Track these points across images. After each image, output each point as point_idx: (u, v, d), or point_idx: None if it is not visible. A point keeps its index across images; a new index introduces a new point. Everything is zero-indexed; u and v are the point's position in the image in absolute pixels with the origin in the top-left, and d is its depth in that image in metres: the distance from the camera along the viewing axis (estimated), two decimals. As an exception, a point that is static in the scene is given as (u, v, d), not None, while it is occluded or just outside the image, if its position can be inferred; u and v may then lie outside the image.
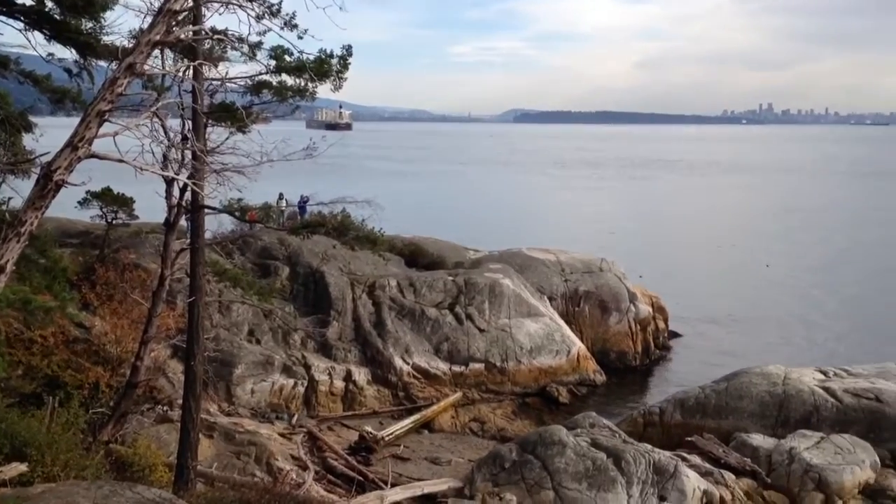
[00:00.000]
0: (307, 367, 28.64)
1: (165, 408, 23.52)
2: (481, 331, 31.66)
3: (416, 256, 37.49)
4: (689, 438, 24.12)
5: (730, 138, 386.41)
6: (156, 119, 15.32)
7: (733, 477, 21.47)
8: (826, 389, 25.87)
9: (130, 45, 10.71)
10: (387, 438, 25.18)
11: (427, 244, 39.61)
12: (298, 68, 14.75)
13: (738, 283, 52.86)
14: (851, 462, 21.82)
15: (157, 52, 13.26)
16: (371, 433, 25.02)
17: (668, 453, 21.58)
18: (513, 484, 20.09)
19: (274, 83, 15.36)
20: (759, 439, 23.61)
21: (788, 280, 54.12)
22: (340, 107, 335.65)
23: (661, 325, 39.63)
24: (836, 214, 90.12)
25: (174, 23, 9.92)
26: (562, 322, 34.57)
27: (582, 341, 34.57)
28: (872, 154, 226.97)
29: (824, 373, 27.97)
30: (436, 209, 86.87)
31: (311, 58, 14.53)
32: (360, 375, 29.32)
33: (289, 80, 15.30)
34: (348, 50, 14.96)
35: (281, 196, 34.14)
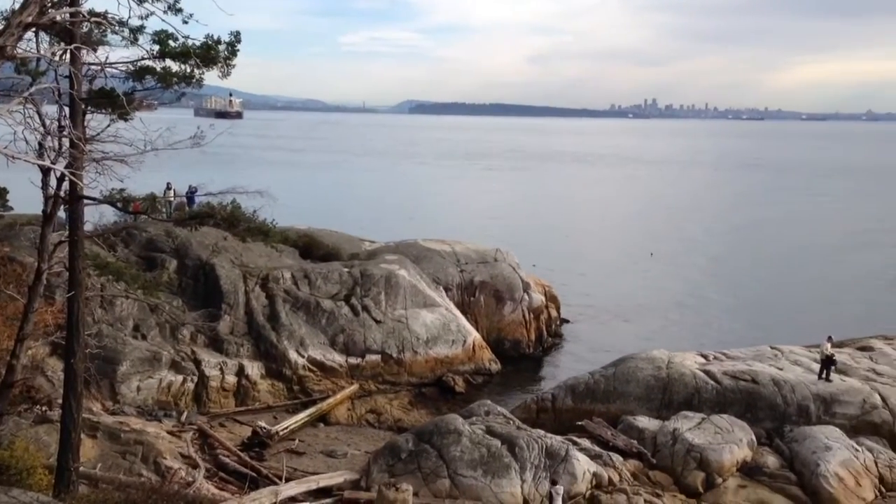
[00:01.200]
0: (197, 363, 27.84)
1: (44, 408, 22.39)
2: (378, 322, 31.57)
3: (310, 248, 36.97)
4: (580, 423, 24.89)
5: (617, 131, 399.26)
6: (30, 105, 14.49)
7: (621, 458, 22.27)
8: (706, 372, 27.15)
9: (0, 27, 10.07)
10: (281, 433, 24.80)
11: (322, 235, 39.14)
12: (184, 54, 14.21)
13: (625, 271, 54.79)
14: (730, 441, 22.99)
15: (30, 34, 12.52)
16: (265, 428, 24.58)
17: (559, 438, 22.18)
18: (409, 474, 20.19)
19: (158, 69, 14.74)
20: (644, 421, 24.58)
21: (669, 267, 56.49)
22: (231, 95, 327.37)
23: (554, 313, 40.61)
24: (712, 204, 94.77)
25: (49, 4, 9.39)
26: (458, 312, 34.89)
27: (477, 331, 35.01)
28: (747, 148, 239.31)
29: (705, 356, 29.36)
30: (331, 200, 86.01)
31: (197, 43, 14.05)
32: (254, 370, 28.73)
33: (174, 66, 14.72)
34: (236, 36, 14.53)
35: (168, 186, 33.00)
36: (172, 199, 32.40)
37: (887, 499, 21.36)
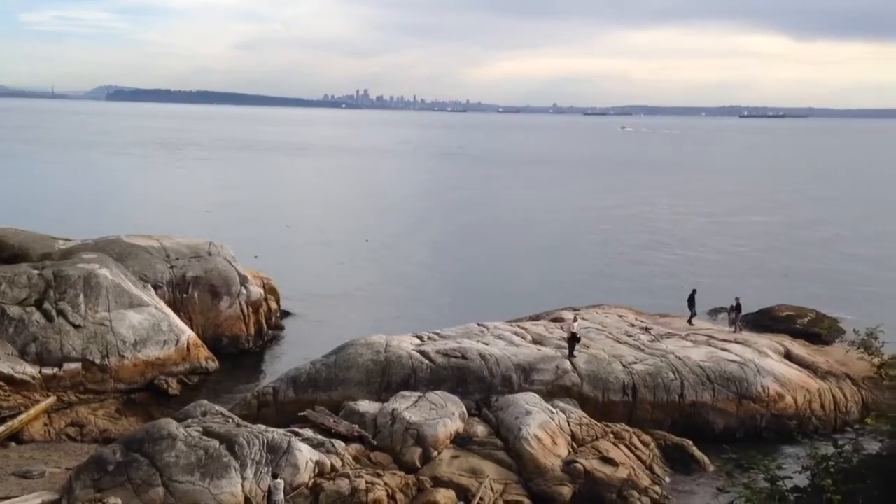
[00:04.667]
0: None
1: None
2: (76, 327, 28.95)
3: (-9, 249, 32.93)
4: (302, 413, 24.83)
5: (330, 121, 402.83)
6: None
7: (343, 444, 22.59)
8: (422, 353, 28.44)
9: None
10: (-38, 460, 21.84)
11: (6, 235, 35.18)
12: None
13: (342, 259, 55.58)
14: (444, 415, 24.29)
15: None
16: (-59, 457, 21.48)
17: (281, 431, 21.97)
18: (118, 486, 18.82)
19: None
20: (365, 405, 25.17)
21: (385, 253, 58.33)
22: None
23: (274, 305, 39.99)
24: (419, 190, 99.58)
25: None
26: (169, 311, 33.06)
27: (192, 329, 33.49)
28: (451, 137, 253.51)
29: (420, 337, 30.68)
30: (15, 196, 77.13)
31: None
32: (-77, 392, 24.96)
33: None
34: None
35: None
36: None
37: (578, 453, 23.87)
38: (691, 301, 35.01)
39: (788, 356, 31.35)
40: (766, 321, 38.12)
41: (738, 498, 6.66)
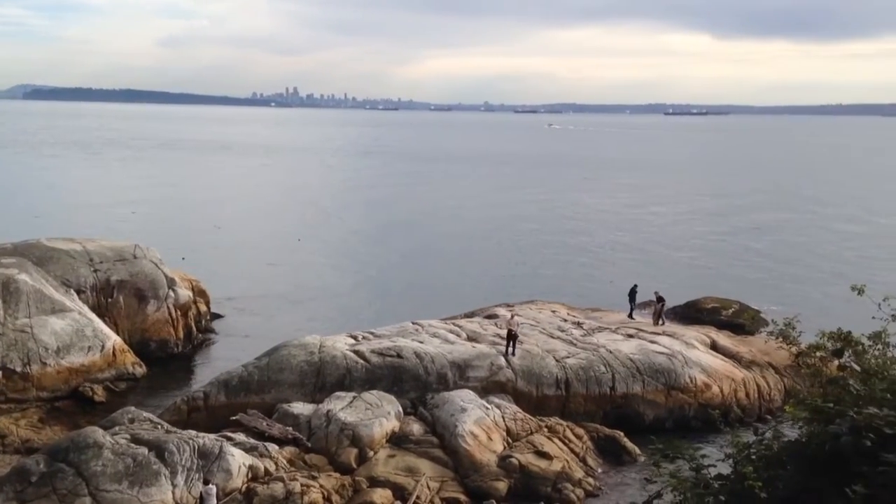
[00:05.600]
0: None
1: None
2: (-5, 335, 27.82)
3: None
4: (234, 417, 24.45)
5: (258, 120, 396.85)
6: None
7: (277, 447, 22.32)
8: (356, 352, 28.28)
9: None
10: None
11: (-85, 240, 33.37)
12: None
13: (274, 259, 54.80)
14: (379, 415, 24.24)
15: None
16: None
17: (213, 436, 21.58)
18: (43, 498, 18.24)
19: None
20: (299, 407, 24.91)
21: (318, 252, 57.79)
22: None
23: (203, 308, 39.19)
24: (351, 189, 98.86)
25: None
26: (93, 316, 32.10)
27: (118, 334, 32.60)
28: (382, 136, 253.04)
29: (354, 337, 30.50)
30: (-73, 198, 73.76)
31: None
32: None
33: None
34: None
35: None
36: None
37: (514, 448, 24.13)
38: (632, 296, 35.67)
39: (714, 347, 32.29)
40: (692, 313, 39.15)
41: (664, 487, 6.85)
